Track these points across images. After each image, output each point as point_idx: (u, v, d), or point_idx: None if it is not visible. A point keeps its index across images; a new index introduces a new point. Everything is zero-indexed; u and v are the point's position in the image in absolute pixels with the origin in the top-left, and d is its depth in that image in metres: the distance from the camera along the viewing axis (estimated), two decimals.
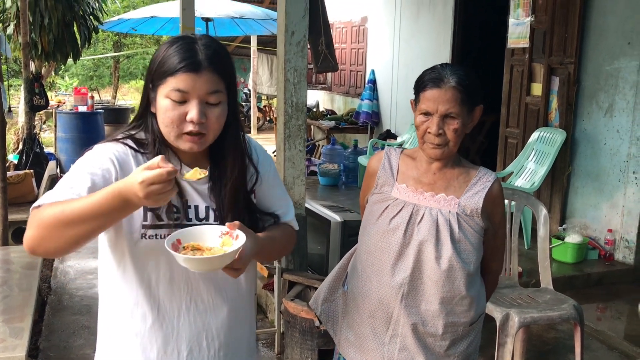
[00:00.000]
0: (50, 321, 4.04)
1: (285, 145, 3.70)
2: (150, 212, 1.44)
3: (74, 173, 1.40)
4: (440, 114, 1.77)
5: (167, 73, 1.39)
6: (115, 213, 1.26)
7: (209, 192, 1.51)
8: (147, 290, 1.49)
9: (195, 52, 1.40)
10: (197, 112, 1.38)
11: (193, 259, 1.32)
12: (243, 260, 1.38)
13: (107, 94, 20.02)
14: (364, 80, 9.51)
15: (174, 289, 1.50)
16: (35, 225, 1.28)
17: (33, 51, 8.01)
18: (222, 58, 1.44)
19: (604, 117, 5.09)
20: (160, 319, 1.50)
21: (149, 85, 1.46)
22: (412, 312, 1.83)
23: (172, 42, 1.44)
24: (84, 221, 1.25)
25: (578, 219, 5.36)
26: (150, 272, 1.48)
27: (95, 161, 1.42)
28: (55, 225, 1.26)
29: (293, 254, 3.70)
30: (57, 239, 1.27)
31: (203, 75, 1.39)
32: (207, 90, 1.40)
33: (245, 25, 10.24)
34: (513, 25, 5.97)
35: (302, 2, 3.58)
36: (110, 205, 1.23)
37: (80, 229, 1.26)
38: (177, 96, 1.39)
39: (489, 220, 1.87)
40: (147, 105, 1.49)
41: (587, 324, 3.58)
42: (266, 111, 15.26)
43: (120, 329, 1.52)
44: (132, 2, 19.12)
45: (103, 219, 1.26)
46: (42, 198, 1.34)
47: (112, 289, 1.53)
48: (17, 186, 5.74)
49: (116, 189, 1.23)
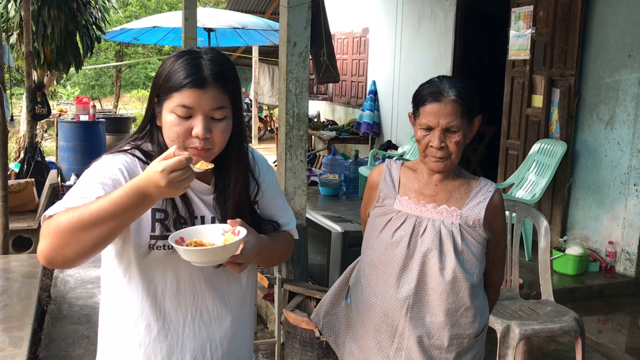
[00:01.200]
0: (50, 330, 4.03)
1: (286, 155, 3.70)
2: (159, 223, 1.45)
3: (84, 183, 1.41)
4: (442, 127, 1.77)
5: (173, 88, 1.40)
6: (133, 210, 1.26)
7: (214, 203, 1.53)
8: (153, 301, 1.49)
9: (200, 67, 1.40)
10: (202, 128, 1.39)
11: (196, 250, 1.34)
12: (245, 254, 1.40)
13: (108, 103, 20.08)
14: (365, 91, 9.54)
15: (180, 300, 1.50)
16: (51, 233, 1.27)
17: (35, 60, 8.04)
18: (228, 73, 1.44)
19: (604, 129, 5.10)
20: (165, 330, 1.50)
21: (154, 99, 1.47)
22: (417, 325, 1.83)
23: (178, 56, 1.44)
24: (102, 222, 1.25)
25: (579, 231, 5.36)
26: (157, 283, 1.49)
27: (105, 171, 1.42)
28: (73, 230, 1.25)
29: (294, 264, 3.70)
30: (75, 244, 1.26)
31: (208, 91, 1.39)
32: (212, 106, 1.40)
33: (247, 35, 10.29)
34: (514, 37, 6.00)
35: (304, 13, 3.61)
36: (129, 202, 1.24)
37: (99, 230, 1.26)
38: (182, 112, 1.39)
39: (491, 231, 1.88)
40: (152, 117, 1.50)
41: (588, 336, 3.57)
42: (267, 121, 15.30)
43: (123, 339, 1.52)
44: (134, 12, 19.23)
45: (121, 218, 1.26)
46: (53, 207, 1.35)
47: (116, 299, 1.53)
48: (18, 195, 5.74)
49: (133, 185, 1.24)
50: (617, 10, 4.95)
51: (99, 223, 1.25)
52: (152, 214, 1.45)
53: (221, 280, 1.55)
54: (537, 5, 5.67)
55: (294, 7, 3.57)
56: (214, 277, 1.54)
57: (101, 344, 1.58)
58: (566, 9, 5.33)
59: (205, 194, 1.52)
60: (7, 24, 8.30)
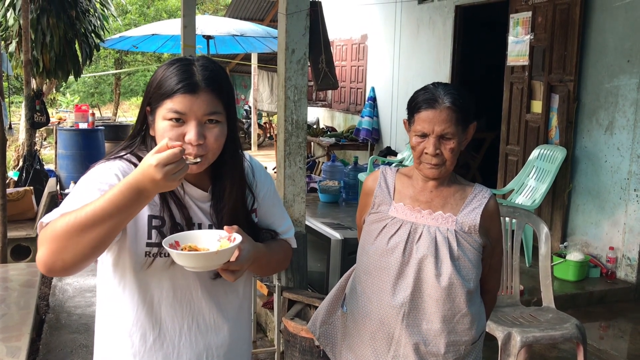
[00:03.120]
0: (48, 340, 4.01)
1: (285, 162, 3.69)
2: (155, 230, 1.44)
3: (81, 189, 1.40)
4: (437, 134, 1.77)
5: (165, 95, 1.39)
6: (130, 208, 1.25)
7: (211, 210, 1.52)
8: (149, 309, 1.48)
9: (192, 73, 1.40)
10: (195, 134, 1.38)
11: (189, 254, 1.33)
12: (240, 261, 1.39)
13: (107, 110, 20.10)
14: (364, 98, 9.54)
15: (176, 308, 1.49)
16: (48, 239, 1.26)
17: (34, 68, 8.05)
18: (220, 79, 1.43)
19: (604, 135, 5.09)
20: (161, 339, 1.48)
21: (146, 107, 1.46)
22: (414, 332, 1.81)
23: (169, 64, 1.44)
24: (99, 222, 1.24)
25: (579, 237, 5.34)
26: (152, 291, 1.47)
27: (102, 177, 1.42)
28: (70, 233, 1.24)
29: (293, 272, 3.68)
30: (73, 248, 1.25)
31: (200, 96, 1.39)
32: (205, 111, 1.39)
33: (246, 42, 10.30)
34: (512, 43, 6.00)
35: (303, 20, 3.60)
36: (124, 199, 1.24)
37: (96, 231, 1.24)
38: (174, 117, 1.38)
39: (487, 237, 1.87)
40: (143, 124, 1.49)
41: (589, 343, 3.55)
42: (266, 128, 15.31)
43: (118, 348, 1.50)
44: (133, 20, 19.27)
45: (118, 217, 1.25)
46: (49, 215, 1.34)
47: (111, 308, 1.51)
48: (17, 203, 5.72)
49: (128, 182, 1.24)
50: (616, 15, 4.95)
51: (96, 224, 1.24)
52: (149, 221, 1.44)
53: (218, 289, 1.54)
54: (536, 11, 5.68)
55: (293, 14, 3.57)
56: (211, 286, 1.52)
57: (97, 354, 1.57)
58: (564, 15, 5.34)
59: (202, 201, 1.51)
60: (6, 32, 8.31)
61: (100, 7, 9.35)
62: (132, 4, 20.17)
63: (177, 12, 19.18)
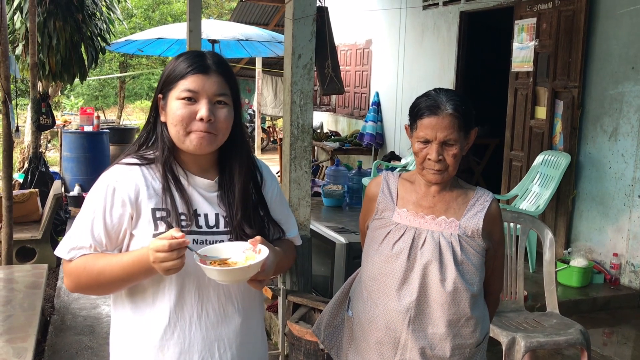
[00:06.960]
0: (54, 341, 4.02)
1: (291, 166, 3.71)
2: (161, 221, 1.49)
3: (89, 213, 1.49)
4: (439, 140, 1.79)
5: (178, 77, 1.50)
6: (142, 276, 1.45)
7: (218, 200, 1.56)
8: (161, 300, 1.51)
9: (203, 57, 1.52)
10: (206, 110, 1.47)
11: (221, 270, 1.39)
12: (266, 271, 1.45)
13: (112, 113, 20.13)
14: (368, 102, 9.56)
15: (186, 298, 1.52)
16: (74, 281, 1.51)
17: (41, 71, 8.07)
18: (228, 67, 1.56)
19: (608, 141, 5.10)
20: (172, 329, 1.51)
21: (158, 95, 1.54)
22: (420, 337, 1.83)
23: (181, 54, 1.55)
24: (116, 284, 1.48)
25: (583, 243, 5.34)
26: (161, 282, 1.50)
27: (105, 199, 1.49)
28: (92, 287, 1.51)
29: (297, 275, 3.69)
30: (95, 292, 1.55)
31: (212, 76, 1.50)
32: (216, 91, 1.49)
33: (250, 47, 10.33)
34: (517, 49, 6.02)
35: (310, 25, 3.62)
36: (135, 269, 1.43)
37: (115, 288, 1.51)
38: (187, 95, 1.48)
39: (489, 240, 1.89)
40: (155, 119, 1.57)
41: (593, 349, 3.55)
42: (270, 132, 15.31)
43: (133, 340, 1.54)
44: (138, 24, 19.33)
45: (133, 281, 1.48)
46: (67, 243, 1.49)
47: (123, 301, 1.56)
48: (22, 205, 5.75)
49: (140, 254, 1.41)
50: (621, 22, 4.97)
51: (113, 285, 1.49)
52: (153, 214, 1.49)
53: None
54: (540, 18, 5.69)
55: (299, 19, 3.59)
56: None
57: (112, 347, 1.61)
58: (569, 22, 5.35)
59: (208, 190, 1.56)
60: (13, 35, 8.34)
61: (107, 10, 9.39)
62: (137, 8, 20.23)
63: (182, 16, 19.25)
